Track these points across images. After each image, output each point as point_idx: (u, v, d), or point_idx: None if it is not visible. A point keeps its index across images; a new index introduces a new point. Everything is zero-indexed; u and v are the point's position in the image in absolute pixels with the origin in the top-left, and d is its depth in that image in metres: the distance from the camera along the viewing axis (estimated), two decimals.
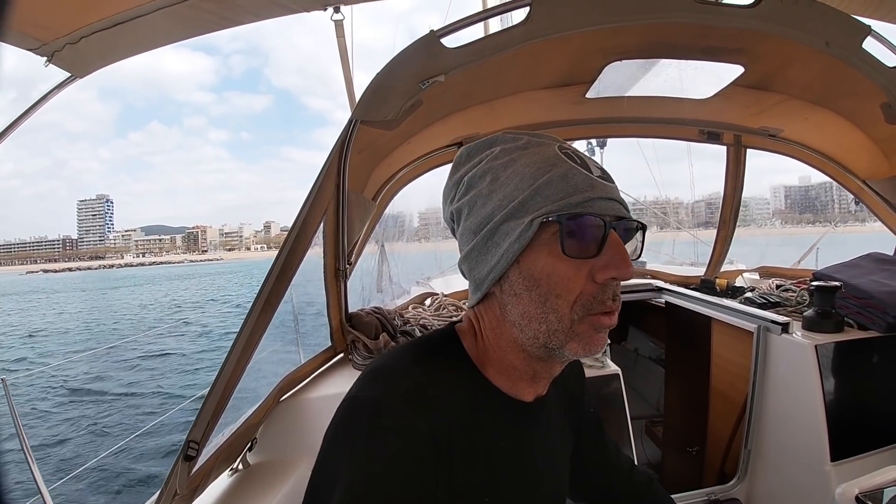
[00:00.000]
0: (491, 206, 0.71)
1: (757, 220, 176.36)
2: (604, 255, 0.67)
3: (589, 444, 1.02)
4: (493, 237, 0.71)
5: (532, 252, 0.69)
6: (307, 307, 1.85)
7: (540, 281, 0.68)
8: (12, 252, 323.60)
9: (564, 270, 0.67)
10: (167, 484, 1.16)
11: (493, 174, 0.72)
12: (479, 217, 0.72)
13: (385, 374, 0.73)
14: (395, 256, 4.03)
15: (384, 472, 0.63)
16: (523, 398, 0.79)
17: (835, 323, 1.80)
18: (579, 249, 0.67)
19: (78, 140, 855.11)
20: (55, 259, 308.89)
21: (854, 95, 1.87)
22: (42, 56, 1.32)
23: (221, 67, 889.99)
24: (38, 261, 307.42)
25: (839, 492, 1.05)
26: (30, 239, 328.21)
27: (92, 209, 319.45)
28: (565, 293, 0.68)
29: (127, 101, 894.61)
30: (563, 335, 0.69)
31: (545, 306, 0.68)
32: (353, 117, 1.53)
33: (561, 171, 0.69)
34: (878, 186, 2.33)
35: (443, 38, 1.41)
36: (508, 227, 0.69)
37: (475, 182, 0.74)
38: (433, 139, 2.16)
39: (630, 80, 2.07)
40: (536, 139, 0.75)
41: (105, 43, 1.34)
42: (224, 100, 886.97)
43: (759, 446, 1.98)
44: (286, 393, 1.63)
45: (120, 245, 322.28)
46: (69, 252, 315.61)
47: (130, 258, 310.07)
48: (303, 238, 1.44)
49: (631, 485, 1.07)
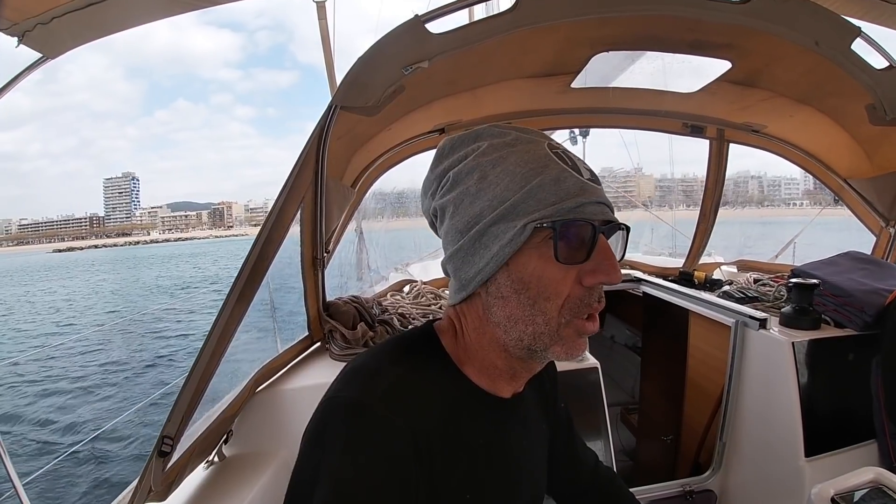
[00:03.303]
0: (479, 206, 0.69)
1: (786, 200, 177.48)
2: (593, 259, 0.67)
3: (559, 440, 1.02)
4: (481, 239, 0.70)
5: (522, 255, 0.68)
6: (287, 294, 1.83)
7: (529, 284, 0.68)
8: (40, 230, 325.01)
9: (554, 274, 0.67)
10: (141, 481, 1.13)
11: (482, 171, 0.70)
12: (466, 217, 0.71)
13: (364, 373, 0.72)
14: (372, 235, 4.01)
15: (364, 473, 0.62)
16: (502, 395, 0.79)
17: (812, 320, 1.82)
18: (571, 254, 0.67)
19: (105, 119, 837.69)
20: (82, 237, 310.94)
21: (840, 95, 1.88)
22: (12, 36, 1.26)
23: (247, 44, 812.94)
24: (66, 238, 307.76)
25: (815, 492, 1.06)
26: (57, 217, 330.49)
27: (118, 187, 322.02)
28: (554, 296, 0.67)
29: (153, 79, 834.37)
30: (548, 338, 0.69)
31: (533, 309, 0.68)
32: (332, 103, 1.49)
33: (553, 173, 0.68)
34: (858, 186, 2.36)
35: (427, 24, 1.37)
36: (498, 230, 0.68)
37: (462, 178, 0.72)
38: (415, 125, 2.13)
39: (616, 71, 2.06)
40: (525, 135, 0.73)
41: (77, 22, 1.29)
42: (250, 76, 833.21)
43: (734, 439, 2.00)
44: (262, 384, 1.60)
45: (146, 222, 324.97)
46: (96, 229, 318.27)
47: (156, 234, 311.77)
48: (279, 227, 1.41)
49: (596, 479, 1.10)
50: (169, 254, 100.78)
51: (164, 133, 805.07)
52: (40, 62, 1.38)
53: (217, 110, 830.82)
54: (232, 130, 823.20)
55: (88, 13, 1.27)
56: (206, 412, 1.38)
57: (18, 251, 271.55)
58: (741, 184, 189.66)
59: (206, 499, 1.33)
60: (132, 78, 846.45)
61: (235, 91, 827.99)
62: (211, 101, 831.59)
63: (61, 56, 1.40)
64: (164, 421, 1.15)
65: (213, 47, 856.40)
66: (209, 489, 1.37)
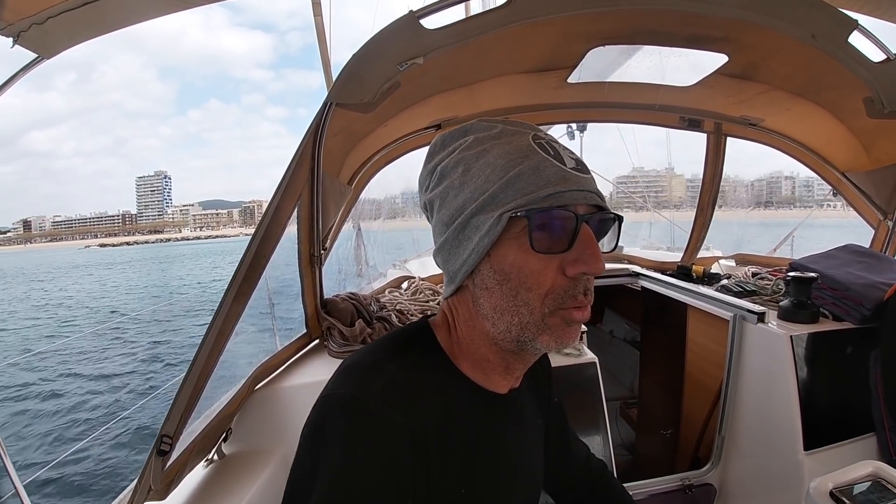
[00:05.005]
0: (462, 199, 0.70)
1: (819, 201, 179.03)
2: (574, 249, 0.67)
3: (552, 434, 1.03)
4: (464, 230, 0.70)
5: (502, 246, 0.68)
6: (287, 289, 1.83)
7: (510, 275, 0.68)
8: (73, 227, 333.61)
9: (534, 264, 0.67)
10: (141, 480, 1.13)
11: (465, 165, 0.71)
12: (450, 209, 0.72)
13: (360, 370, 0.72)
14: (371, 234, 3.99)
15: (362, 470, 0.62)
16: (498, 390, 0.79)
17: (810, 313, 1.82)
18: (549, 244, 0.66)
19: (138, 118, 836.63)
20: (115, 233, 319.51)
21: (837, 88, 1.87)
22: (7, 37, 1.25)
23: (279, 45, 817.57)
24: (98, 235, 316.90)
25: (813, 486, 1.06)
26: (90, 214, 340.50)
27: (150, 185, 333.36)
28: (536, 287, 0.67)
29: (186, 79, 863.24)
30: (534, 328, 0.69)
31: (516, 300, 0.68)
32: (328, 100, 1.49)
33: (532, 163, 0.67)
34: (856, 179, 2.36)
35: (422, 19, 1.36)
36: (478, 221, 0.68)
37: (447, 172, 0.73)
38: (411, 121, 2.12)
39: (612, 66, 2.05)
40: (511, 127, 0.73)
41: (73, 22, 1.28)
42: (281, 77, 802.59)
43: (732, 433, 2.01)
44: (261, 381, 1.60)
45: (178, 219, 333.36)
46: (128, 227, 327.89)
47: (188, 232, 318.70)
48: (276, 225, 1.40)
49: (587, 472, 1.12)
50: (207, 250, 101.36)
51: (197, 132, 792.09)
52: (36, 62, 1.37)
53: (249, 110, 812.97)
54: (263, 130, 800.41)
55: (84, 12, 1.26)
56: (205, 410, 1.38)
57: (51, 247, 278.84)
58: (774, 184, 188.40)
59: (206, 497, 1.32)
60: (165, 78, 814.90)
61: (267, 91, 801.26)
62: (243, 101, 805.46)
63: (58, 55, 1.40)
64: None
65: (246, 48, 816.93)
66: (209, 487, 1.37)
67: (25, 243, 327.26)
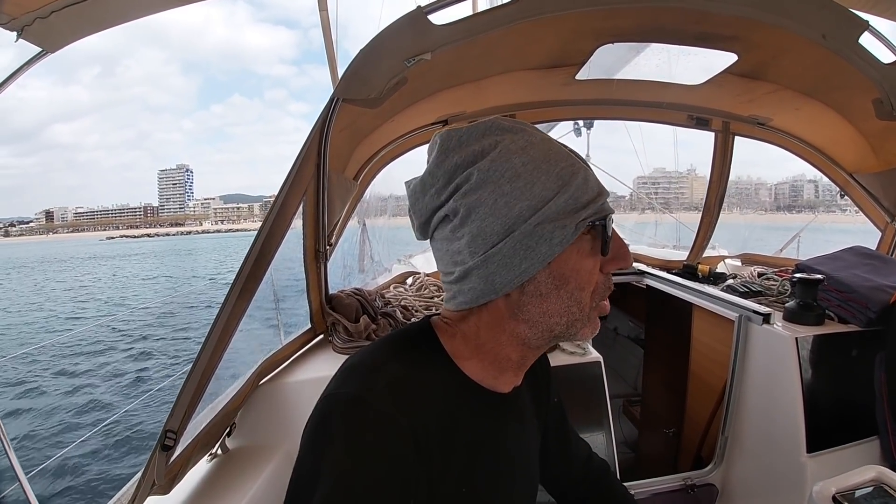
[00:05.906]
0: (519, 208, 0.67)
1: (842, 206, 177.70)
2: (611, 248, 0.73)
3: (553, 433, 1.04)
4: (525, 241, 0.68)
5: (564, 252, 0.70)
6: (292, 284, 1.83)
7: (569, 278, 0.71)
8: (95, 219, 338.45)
9: (590, 265, 0.72)
10: (145, 474, 1.13)
11: (513, 170, 0.68)
12: (501, 219, 0.68)
13: (363, 370, 0.72)
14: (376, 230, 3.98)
15: (365, 469, 0.62)
16: (502, 390, 0.80)
17: (816, 315, 1.81)
18: (604, 247, 0.72)
19: (161, 112, 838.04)
20: (136, 226, 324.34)
21: (846, 89, 1.86)
22: (12, 31, 1.26)
23: (302, 41, 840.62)
24: (120, 227, 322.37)
25: (816, 490, 1.06)
26: (112, 206, 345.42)
27: (172, 178, 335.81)
28: (587, 286, 0.72)
29: (209, 74, 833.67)
30: (581, 323, 0.74)
31: (570, 300, 0.72)
32: (334, 95, 1.48)
33: (582, 172, 0.71)
34: (864, 180, 2.34)
35: (430, 15, 1.35)
36: (544, 231, 0.68)
37: (490, 177, 0.69)
38: (417, 117, 2.11)
39: (620, 63, 2.04)
40: (530, 129, 0.74)
41: (76, 16, 1.28)
42: (304, 72, 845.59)
43: (736, 434, 2.00)
44: (265, 376, 1.60)
45: (199, 213, 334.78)
46: (150, 219, 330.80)
47: (208, 225, 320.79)
48: (282, 220, 1.40)
49: (588, 471, 1.11)
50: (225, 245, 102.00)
51: (220, 126, 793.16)
52: (40, 56, 1.37)
53: (271, 105, 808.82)
54: (286, 125, 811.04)
55: (87, 6, 1.26)
56: (209, 405, 1.38)
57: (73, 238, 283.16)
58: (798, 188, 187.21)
59: (209, 492, 1.33)
60: (188, 73, 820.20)
61: (290, 87, 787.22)
62: (266, 96, 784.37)
63: (61, 49, 1.40)
64: None
65: (269, 44, 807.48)
66: (212, 482, 1.38)
67: (48, 233, 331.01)
